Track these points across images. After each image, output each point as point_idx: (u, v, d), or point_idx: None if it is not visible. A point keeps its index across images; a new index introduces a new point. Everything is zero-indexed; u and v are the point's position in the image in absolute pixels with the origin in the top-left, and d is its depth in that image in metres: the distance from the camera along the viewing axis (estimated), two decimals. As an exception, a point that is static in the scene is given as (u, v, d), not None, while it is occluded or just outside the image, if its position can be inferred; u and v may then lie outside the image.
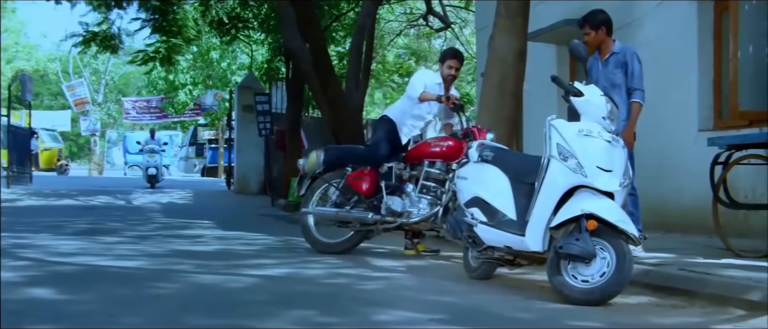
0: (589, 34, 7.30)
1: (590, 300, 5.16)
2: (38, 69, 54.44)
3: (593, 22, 7.34)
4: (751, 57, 7.18)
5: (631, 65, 7.11)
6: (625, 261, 5.15)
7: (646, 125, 9.70)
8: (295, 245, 8.89)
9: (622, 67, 7.14)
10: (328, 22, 20.48)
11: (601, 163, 5.42)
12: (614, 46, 7.33)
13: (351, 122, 14.74)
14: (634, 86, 7.13)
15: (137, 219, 12.78)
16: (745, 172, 7.78)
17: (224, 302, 5.20)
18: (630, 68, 7.10)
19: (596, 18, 7.36)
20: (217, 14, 19.68)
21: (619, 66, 7.15)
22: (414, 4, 28.00)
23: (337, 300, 5.43)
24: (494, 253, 6.12)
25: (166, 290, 5.66)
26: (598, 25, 7.31)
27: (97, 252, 7.88)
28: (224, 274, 6.55)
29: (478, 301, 5.48)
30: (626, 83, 7.14)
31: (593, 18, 7.37)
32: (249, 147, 22.29)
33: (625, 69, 7.13)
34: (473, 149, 6.42)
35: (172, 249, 8.42)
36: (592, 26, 7.32)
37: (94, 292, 5.46)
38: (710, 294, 5.24)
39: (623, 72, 7.14)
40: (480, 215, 6.04)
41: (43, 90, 56.55)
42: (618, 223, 5.23)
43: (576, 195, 5.44)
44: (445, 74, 8.30)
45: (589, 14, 7.41)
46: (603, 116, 5.58)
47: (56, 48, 53.36)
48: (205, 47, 32.73)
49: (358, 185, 8.09)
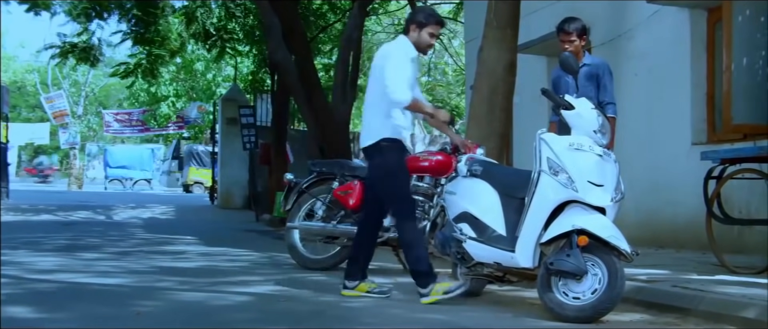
0: (573, 41, 7.14)
1: (582, 318, 5.11)
2: (16, 80, 54.27)
3: (577, 28, 7.19)
4: (745, 69, 7.12)
5: (603, 78, 7.01)
6: (617, 277, 5.10)
7: (639, 138, 9.67)
8: (281, 262, 8.86)
9: (594, 81, 7.02)
10: (315, 33, 20.42)
11: (593, 177, 5.37)
12: (585, 57, 7.21)
13: (337, 136, 14.68)
14: (607, 100, 7.07)
15: (118, 235, 12.67)
16: (740, 186, 7.73)
17: (207, 320, 5.15)
18: (602, 82, 7.00)
19: (578, 24, 7.22)
20: (203, 26, 19.56)
21: (590, 79, 7.02)
22: (402, 15, 27.98)
23: (323, 318, 5.38)
24: (483, 269, 6.06)
25: (147, 307, 5.59)
26: (580, 33, 7.18)
27: (77, 269, 7.78)
28: (208, 291, 6.46)
29: (467, 319, 5.41)
30: (598, 96, 7.01)
31: (575, 25, 7.21)
32: (233, 161, 22.22)
33: (597, 82, 7.01)
34: (462, 163, 6.32)
35: (153, 265, 8.34)
36: (578, 34, 7.17)
37: (74, 310, 5.40)
38: (704, 312, 5.20)
39: (595, 85, 7.02)
40: (469, 231, 5.96)
41: (20, 102, 56.30)
42: (610, 239, 5.18)
43: (567, 210, 5.39)
44: (425, 44, 6.28)
45: (570, 20, 7.25)
46: (594, 129, 5.52)
47: (34, 59, 53.27)
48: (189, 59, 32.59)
49: (344, 200, 8.03)
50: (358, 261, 6.36)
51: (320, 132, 14.66)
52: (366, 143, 6.23)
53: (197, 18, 19.44)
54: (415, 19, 6.29)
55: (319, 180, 8.39)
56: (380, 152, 6.13)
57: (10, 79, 51.12)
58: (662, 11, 9.58)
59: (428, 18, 6.26)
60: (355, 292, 6.23)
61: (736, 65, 7.14)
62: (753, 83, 7.18)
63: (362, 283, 6.27)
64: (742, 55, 7.17)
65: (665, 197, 9.38)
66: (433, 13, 6.46)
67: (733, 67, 7.14)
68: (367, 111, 6.35)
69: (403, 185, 6.28)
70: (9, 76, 52.09)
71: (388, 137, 6.14)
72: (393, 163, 6.17)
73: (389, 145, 6.14)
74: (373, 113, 6.24)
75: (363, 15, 16.65)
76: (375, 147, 6.15)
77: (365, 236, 6.47)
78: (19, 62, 57.01)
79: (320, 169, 8.44)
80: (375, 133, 6.17)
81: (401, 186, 6.24)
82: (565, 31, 7.20)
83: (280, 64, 15.65)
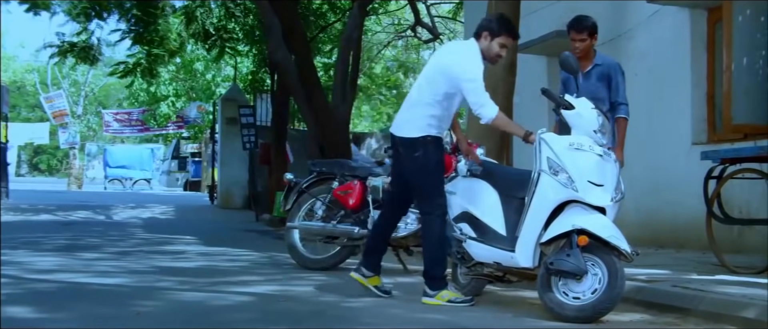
0: (585, 40, 6.91)
1: (582, 318, 5.10)
2: (15, 80, 54.18)
3: (589, 27, 6.97)
4: (745, 69, 7.10)
5: (615, 79, 6.88)
6: (617, 277, 5.09)
7: (639, 138, 9.65)
8: (281, 262, 8.84)
9: (605, 81, 6.89)
10: (315, 33, 20.39)
11: (593, 177, 5.37)
12: (596, 57, 7.05)
13: (337, 136, 14.63)
14: (620, 101, 6.90)
15: (118, 235, 12.63)
16: (740, 186, 7.72)
17: (207, 320, 5.14)
18: (614, 82, 6.88)
19: (589, 23, 7.00)
20: (202, 26, 19.52)
21: (602, 79, 6.88)
22: (402, 15, 27.97)
23: (323, 318, 5.37)
24: (483, 269, 6.06)
25: (147, 307, 5.58)
26: (592, 32, 6.96)
27: (77, 269, 7.77)
28: (207, 291, 6.44)
29: (467, 319, 5.40)
30: (610, 97, 6.89)
31: (587, 23, 6.99)
32: (233, 161, 22.18)
33: (608, 82, 6.90)
34: (462, 163, 6.31)
35: (153, 265, 8.32)
36: (590, 32, 6.94)
37: (74, 310, 5.39)
38: (704, 312, 5.20)
39: (606, 85, 6.88)
40: (469, 231, 5.97)
41: (20, 102, 56.27)
42: (610, 239, 5.18)
43: (567, 210, 5.39)
44: (494, 54, 6.06)
45: (582, 19, 7.03)
46: (594, 129, 5.52)
47: (34, 59, 53.18)
48: (188, 58, 32.54)
49: (344, 200, 8.02)
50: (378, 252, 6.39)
51: (320, 132, 14.63)
52: (410, 135, 6.04)
53: (197, 18, 19.41)
54: (489, 26, 6.05)
55: (318, 180, 8.39)
56: (424, 147, 5.99)
57: (10, 78, 51.09)
58: (662, 11, 9.57)
59: (501, 28, 6.02)
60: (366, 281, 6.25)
61: (736, 65, 7.12)
62: (753, 82, 7.16)
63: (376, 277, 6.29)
64: (743, 55, 7.15)
65: (665, 197, 9.36)
66: (509, 23, 6.21)
67: (734, 67, 7.12)
68: (415, 106, 6.11)
69: (439, 185, 6.14)
70: (9, 75, 52.05)
71: (434, 135, 6.03)
72: (433, 161, 6.04)
73: (434, 142, 6.03)
74: (422, 109, 6.03)
75: (363, 15, 16.62)
76: (420, 141, 6.00)
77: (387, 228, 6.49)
78: (18, 62, 56.99)
79: (320, 169, 8.44)
80: (421, 128, 6.01)
81: (436, 185, 6.11)
82: (577, 29, 6.97)
83: (279, 63, 15.62)
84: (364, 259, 6.38)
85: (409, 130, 6.07)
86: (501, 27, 6.01)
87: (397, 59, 33.55)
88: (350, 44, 15.65)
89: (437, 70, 6.09)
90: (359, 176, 8.12)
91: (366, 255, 6.42)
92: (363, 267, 6.30)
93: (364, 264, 6.32)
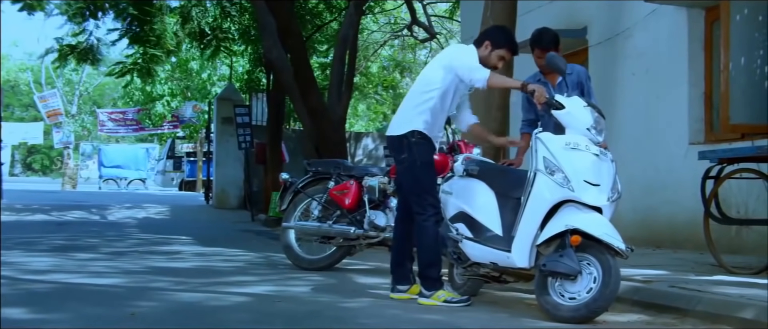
0: (541, 57, 6.62)
1: (577, 318, 5.09)
2: (9, 79, 54.03)
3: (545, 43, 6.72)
4: (743, 69, 7.08)
5: (586, 85, 6.89)
6: (611, 275, 5.07)
7: (636, 138, 9.66)
8: (276, 262, 8.83)
9: (579, 88, 6.88)
10: (310, 32, 20.36)
11: (589, 177, 5.35)
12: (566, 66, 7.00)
13: (333, 135, 14.63)
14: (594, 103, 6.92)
15: (113, 235, 12.61)
16: (737, 186, 7.71)
17: (203, 321, 5.13)
18: (586, 88, 6.89)
19: (547, 38, 6.79)
20: (198, 25, 19.49)
21: (575, 87, 6.83)
22: (398, 14, 27.94)
23: (320, 318, 5.36)
24: (480, 269, 6.05)
25: (142, 308, 5.57)
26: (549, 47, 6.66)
27: (72, 270, 7.75)
28: (203, 292, 6.43)
29: (463, 319, 5.39)
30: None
31: (544, 39, 6.78)
32: (228, 160, 22.12)
33: (581, 90, 6.89)
34: (459, 163, 6.29)
35: (148, 265, 8.31)
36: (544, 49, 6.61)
37: (68, 311, 5.39)
38: (702, 312, 5.18)
39: (580, 92, 6.89)
40: (465, 231, 5.97)
41: (13, 101, 56.18)
42: (603, 237, 5.16)
43: (562, 210, 5.38)
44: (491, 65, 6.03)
45: (539, 36, 6.84)
46: (588, 126, 5.49)
47: (28, 58, 52.97)
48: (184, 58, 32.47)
49: (340, 200, 8.01)
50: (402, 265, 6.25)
51: (316, 131, 14.61)
52: (396, 132, 6.03)
53: (193, 17, 19.38)
54: (492, 37, 6.07)
55: (314, 180, 8.38)
56: (409, 147, 5.96)
57: (4, 78, 50.86)
58: (660, 10, 9.55)
59: (504, 41, 6.04)
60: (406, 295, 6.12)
61: (733, 65, 7.10)
62: (751, 82, 7.14)
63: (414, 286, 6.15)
64: (740, 54, 7.13)
65: (662, 197, 9.35)
66: (513, 39, 6.22)
67: (731, 66, 7.10)
68: (406, 107, 6.11)
69: (429, 186, 6.04)
70: (2, 75, 51.88)
71: (417, 130, 5.95)
72: (420, 161, 5.96)
73: (418, 139, 5.96)
74: (413, 109, 6.02)
75: (359, 14, 16.60)
76: (405, 139, 5.96)
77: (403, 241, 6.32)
78: (12, 61, 56.77)
79: (316, 168, 8.42)
80: (405, 124, 5.99)
81: (426, 186, 6.03)
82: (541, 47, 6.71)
83: (275, 63, 15.61)
84: (393, 277, 6.25)
85: (396, 129, 6.08)
86: (503, 40, 6.05)
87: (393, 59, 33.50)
88: (346, 43, 15.63)
89: (432, 68, 6.12)
90: (355, 175, 8.11)
91: (393, 272, 6.27)
92: (396, 284, 6.21)
93: (395, 281, 6.22)
